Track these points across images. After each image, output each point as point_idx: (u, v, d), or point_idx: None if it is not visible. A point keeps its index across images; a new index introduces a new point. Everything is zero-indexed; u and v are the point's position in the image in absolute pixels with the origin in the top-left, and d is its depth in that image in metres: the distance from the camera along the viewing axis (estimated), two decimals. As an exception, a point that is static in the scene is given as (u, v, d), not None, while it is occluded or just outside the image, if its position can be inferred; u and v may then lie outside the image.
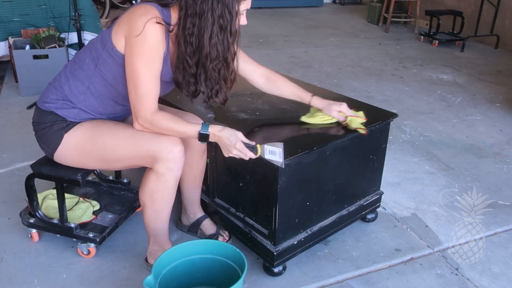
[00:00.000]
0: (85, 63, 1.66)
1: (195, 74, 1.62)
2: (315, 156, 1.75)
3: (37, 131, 1.74)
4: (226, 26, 1.53)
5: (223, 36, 1.54)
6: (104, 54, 1.61)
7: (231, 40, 1.56)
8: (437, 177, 2.65)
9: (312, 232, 1.88)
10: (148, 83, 1.53)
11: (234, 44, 1.59)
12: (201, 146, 1.90)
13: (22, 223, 1.98)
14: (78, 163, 1.74)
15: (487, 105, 3.77)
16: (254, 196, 1.83)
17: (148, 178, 1.67)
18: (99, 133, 1.67)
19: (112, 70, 1.62)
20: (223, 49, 1.57)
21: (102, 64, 1.62)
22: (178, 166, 1.63)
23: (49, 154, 1.76)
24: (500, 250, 2.08)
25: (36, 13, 3.81)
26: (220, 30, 1.53)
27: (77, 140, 1.68)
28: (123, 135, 1.65)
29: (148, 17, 1.49)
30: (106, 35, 1.60)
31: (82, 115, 1.70)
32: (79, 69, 1.67)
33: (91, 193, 2.21)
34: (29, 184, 1.88)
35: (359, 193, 2.05)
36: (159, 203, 1.70)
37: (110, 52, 1.59)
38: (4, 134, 2.99)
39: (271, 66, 4.72)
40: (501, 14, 5.42)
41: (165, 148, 1.60)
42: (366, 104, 2.16)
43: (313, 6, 7.89)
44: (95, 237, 1.88)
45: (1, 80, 3.95)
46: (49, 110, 1.70)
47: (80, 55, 1.70)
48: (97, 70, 1.63)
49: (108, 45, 1.59)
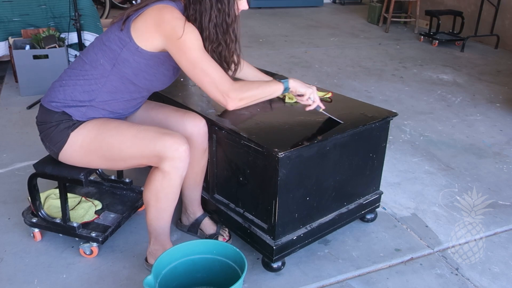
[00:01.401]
0: (99, 63, 1.67)
1: None
2: (316, 150, 1.76)
3: (42, 131, 1.74)
4: (225, 9, 1.62)
5: (222, 19, 1.63)
6: (124, 54, 1.63)
7: (229, 21, 1.65)
8: (437, 177, 2.65)
9: (311, 228, 1.88)
10: (213, 65, 1.61)
11: (233, 27, 1.67)
12: (203, 145, 1.91)
13: (25, 222, 1.98)
14: (83, 162, 1.75)
15: (487, 105, 3.78)
16: (254, 190, 1.83)
17: (153, 177, 1.67)
18: (104, 132, 1.68)
19: (134, 67, 1.65)
20: (222, 31, 1.65)
21: (121, 63, 1.65)
22: (184, 165, 1.64)
23: (54, 154, 1.76)
24: (500, 250, 2.08)
25: (36, 13, 3.81)
26: (218, 13, 1.62)
27: (83, 139, 1.69)
28: (129, 134, 1.66)
29: (180, 19, 1.59)
30: (125, 36, 1.62)
31: (90, 113, 1.71)
32: (92, 69, 1.68)
33: (93, 193, 2.21)
34: (32, 184, 1.88)
35: (358, 191, 2.05)
36: (163, 202, 1.70)
37: (132, 51, 1.63)
38: (4, 134, 2.99)
39: (271, 66, 4.73)
40: (501, 14, 5.42)
41: (171, 146, 1.60)
42: (366, 104, 2.17)
43: (313, 6, 7.90)
44: (97, 237, 1.88)
45: (1, 80, 3.95)
46: (55, 110, 1.70)
47: (90, 55, 1.70)
48: (116, 69, 1.66)
49: (129, 46, 1.62)
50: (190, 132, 1.86)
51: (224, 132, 1.86)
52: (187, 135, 1.85)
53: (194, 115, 1.90)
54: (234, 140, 1.83)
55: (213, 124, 1.90)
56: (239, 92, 1.63)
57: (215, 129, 1.90)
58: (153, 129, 1.67)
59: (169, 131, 1.67)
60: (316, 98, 1.84)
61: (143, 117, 1.90)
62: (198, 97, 2.19)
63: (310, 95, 1.82)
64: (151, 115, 1.90)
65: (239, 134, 1.77)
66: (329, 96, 2.17)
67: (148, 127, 1.69)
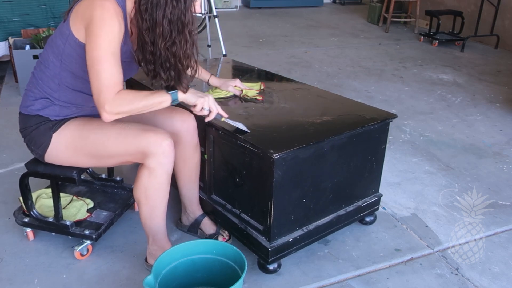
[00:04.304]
0: (49, 61, 1.66)
1: (152, 52, 1.61)
2: (312, 151, 1.75)
3: (25, 136, 1.75)
4: (180, 7, 1.54)
5: (177, 17, 1.55)
6: (67, 49, 1.61)
7: (185, 21, 1.57)
8: (437, 177, 2.65)
9: (308, 230, 1.87)
10: (109, 71, 1.51)
11: (190, 28, 1.59)
12: (193, 140, 1.91)
13: (16, 222, 1.98)
14: (70, 161, 1.75)
15: (487, 105, 3.78)
16: (250, 192, 1.83)
17: (140, 175, 1.67)
18: (88, 131, 1.69)
19: (79, 63, 1.61)
20: (177, 30, 1.57)
21: (67, 59, 1.62)
22: (169, 160, 1.64)
23: (39, 156, 1.76)
24: (500, 250, 2.08)
25: (36, 13, 3.81)
26: (173, 10, 1.54)
27: (67, 139, 1.69)
28: (112, 131, 1.66)
29: (108, 10, 1.50)
30: (65, 29, 1.60)
31: (64, 112, 1.71)
32: (45, 68, 1.67)
33: (84, 192, 2.21)
34: (24, 183, 1.88)
35: (357, 193, 2.05)
36: (153, 199, 1.70)
37: (73, 45, 1.59)
38: (4, 134, 2.99)
39: (271, 66, 4.73)
40: (501, 14, 5.42)
41: (154, 142, 1.61)
42: (366, 105, 2.16)
43: (313, 6, 7.90)
44: (91, 234, 1.89)
45: (1, 80, 3.95)
46: (32, 114, 1.71)
47: (43, 54, 1.70)
48: (64, 66, 1.64)
49: (69, 39, 1.59)
50: (178, 128, 1.86)
51: (221, 132, 1.86)
52: (176, 131, 1.85)
53: (182, 111, 1.89)
54: (231, 141, 1.83)
55: (210, 124, 1.89)
56: (117, 106, 1.52)
57: (212, 130, 1.90)
58: (136, 126, 1.67)
59: (152, 128, 1.67)
60: (212, 108, 1.71)
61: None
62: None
63: (203, 104, 1.70)
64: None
65: (235, 134, 1.77)
66: (260, 88, 2.16)
67: (131, 125, 1.68)
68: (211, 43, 4.65)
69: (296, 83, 2.43)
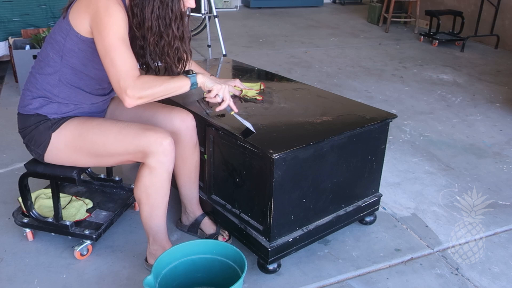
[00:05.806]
0: (49, 58, 1.67)
1: (143, 46, 1.67)
2: (312, 151, 1.75)
3: (25, 136, 1.76)
4: (168, 3, 1.60)
5: (165, 12, 1.60)
6: (68, 44, 1.62)
7: (172, 17, 1.62)
8: (437, 177, 2.65)
9: (308, 230, 1.88)
10: (124, 57, 1.54)
11: (177, 23, 1.64)
12: (192, 139, 1.91)
13: (16, 223, 1.98)
14: (69, 161, 1.75)
15: (487, 105, 3.78)
16: (250, 192, 1.83)
17: (141, 174, 1.68)
18: (88, 130, 1.69)
19: (80, 57, 1.64)
20: (164, 25, 1.62)
21: (68, 54, 1.64)
22: (169, 159, 1.64)
23: (39, 156, 1.76)
24: (500, 250, 2.08)
25: (36, 13, 3.81)
26: (161, 5, 1.60)
27: (66, 138, 1.70)
28: (112, 131, 1.67)
29: (112, 1, 1.54)
30: (65, 25, 1.62)
31: (62, 109, 1.71)
32: (46, 66, 1.68)
33: (83, 192, 2.21)
34: (23, 184, 1.88)
35: (357, 193, 2.05)
36: (153, 198, 1.70)
37: (74, 39, 1.61)
38: (4, 134, 2.99)
39: (271, 66, 4.73)
40: (501, 14, 5.42)
41: (154, 141, 1.61)
42: (366, 105, 2.17)
43: (313, 6, 7.90)
44: (91, 234, 1.89)
45: (1, 80, 3.95)
46: (30, 113, 1.71)
47: (42, 52, 1.71)
48: (64, 61, 1.65)
49: (70, 34, 1.61)
50: (178, 127, 1.87)
51: (221, 132, 1.86)
52: (175, 131, 1.85)
53: (181, 110, 1.90)
54: (230, 141, 1.83)
55: (210, 124, 1.90)
56: (139, 90, 1.54)
57: (212, 130, 1.90)
58: (136, 126, 1.68)
59: (152, 127, 1.68)
60: (226, 97, 1.75)
61: (130, 114, 1.90)
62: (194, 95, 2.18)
63: (219, 91, 1.73)
64: (138, 113, 1.89)
65: (235, 135, 1.77)
66: (260, 88, 2.16)
67: (131, 124, 1.70)
68: (211, 43, 4.65)
69: (296, 83, 2.43)
